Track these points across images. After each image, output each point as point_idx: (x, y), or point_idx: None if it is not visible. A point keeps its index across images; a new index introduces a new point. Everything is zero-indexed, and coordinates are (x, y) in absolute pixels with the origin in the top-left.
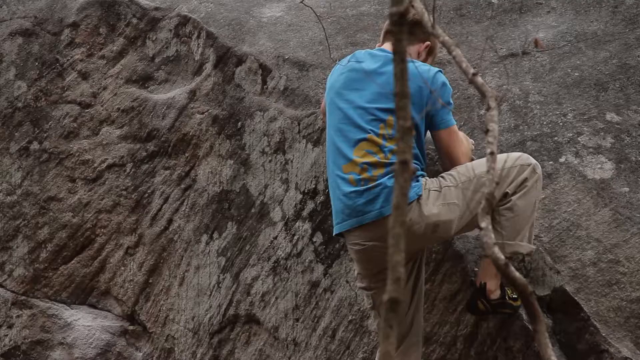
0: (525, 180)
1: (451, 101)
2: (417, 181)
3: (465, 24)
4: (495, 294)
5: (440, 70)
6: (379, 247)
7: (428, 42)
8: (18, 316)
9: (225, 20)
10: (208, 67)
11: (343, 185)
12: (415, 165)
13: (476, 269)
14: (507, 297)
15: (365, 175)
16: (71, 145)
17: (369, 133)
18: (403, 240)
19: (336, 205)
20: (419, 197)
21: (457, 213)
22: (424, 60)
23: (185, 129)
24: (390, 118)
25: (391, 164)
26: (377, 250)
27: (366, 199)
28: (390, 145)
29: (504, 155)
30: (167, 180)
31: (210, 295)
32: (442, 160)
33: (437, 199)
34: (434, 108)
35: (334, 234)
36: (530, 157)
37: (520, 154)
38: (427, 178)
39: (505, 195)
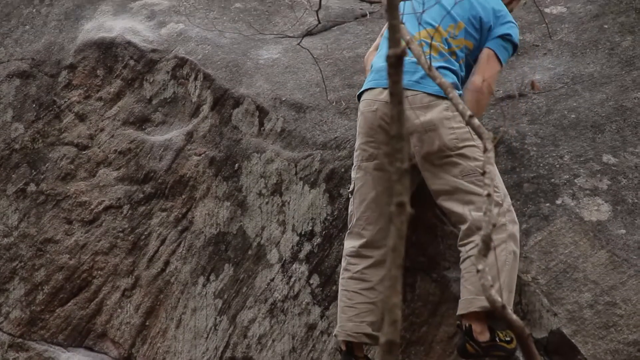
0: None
1: (513, 39)
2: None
3: None
4: (484, 336)
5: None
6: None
7: None
8: (15, 359)
9: (222, 62)
10: (205, 108)
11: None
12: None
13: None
14: (498, 339)
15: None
16: (68, 187)
17: (439, 25)
18: (400, 282)
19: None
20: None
21: (453, 141)
22: (510, 4)
23: (182, 171)
24: (460, 23)
25: (444, 56)
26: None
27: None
28: (452, 43)
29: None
30: (164, 222)
31: (207, 337)
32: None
33: (459, 123)
34: (495, 28)
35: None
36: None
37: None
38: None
39: None
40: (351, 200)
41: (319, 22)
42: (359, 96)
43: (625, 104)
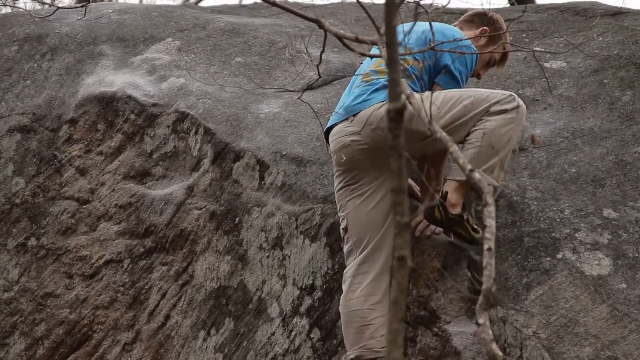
0: (505, 111)
1: (460, 69)
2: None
3: None
4: (455, 209)
5: (471, 45)
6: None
7: (485, 28)
8: None
9: (223, 116)
10: (206, 162)
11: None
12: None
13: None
14: (466, 220)
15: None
16: (69, 242)
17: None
18: (401, 336)
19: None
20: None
21: (434, 111)
22: (484, 47)
23: (183, 225)
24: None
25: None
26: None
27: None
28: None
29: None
30: (164, 276)
31: None
32: None
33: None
34: (440, 58)
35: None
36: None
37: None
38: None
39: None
40: (344, 238)
41: (320, 76)
42: (326, 134)
43: (626, 159)
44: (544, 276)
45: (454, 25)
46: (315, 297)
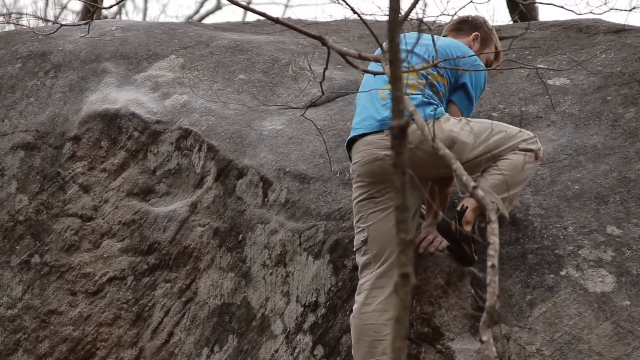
0: (530, 150)
1: (475, 88)
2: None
3: None
4: (468, 228)
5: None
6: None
7: (476, 33)
8: None
9: (226, 133)
10: (209, 180)
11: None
12: (439, 108)
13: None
14: (472, 240)
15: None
16: (72, 259)
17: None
18: (405, 353)
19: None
20: (441, 116)
21: (472, 139)
22: (478, 50)
23: (186, 242)
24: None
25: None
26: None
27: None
28: (429, 76)
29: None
30: (168, 293)
31: None
32: None
33: (458, 123)
34: (460, 76)
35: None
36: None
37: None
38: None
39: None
40: (361, 249)
41: (323, 94)
42: (349, 144)
43: (629, 176)
44: (547, 293)
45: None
46: (319, 314)
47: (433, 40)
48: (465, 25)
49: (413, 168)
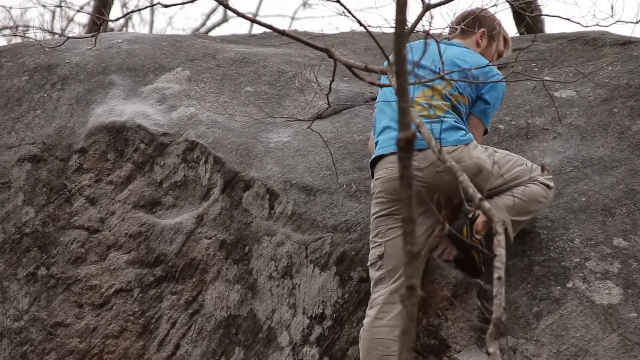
0: (546, 185)
1: (495, 101)
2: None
3: None
4: (479, 235)
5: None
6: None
7: (482, 29)
8: None
9: (232, 145)
10: (215, 192)
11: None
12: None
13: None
14: (481, 250)
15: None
16: (78, 271)
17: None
18: None
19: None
20: (470, 142)
21: (496, 169)
22: (487, 47)
23: (193, 254)
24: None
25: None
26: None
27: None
28: (452, 98)
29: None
30: (174, 305)
31: None
32: None
33: (485, 151)
34: (479, 89)
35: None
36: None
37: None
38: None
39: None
40: (376, 263)
41: (329, 106)
42: (374, 162)
43: (636, 188)
44: (554, 305)
45: (450, 39)
46: (325, 326)
47: (439, 52)
48: (470, 25)
49: (439, 190)
